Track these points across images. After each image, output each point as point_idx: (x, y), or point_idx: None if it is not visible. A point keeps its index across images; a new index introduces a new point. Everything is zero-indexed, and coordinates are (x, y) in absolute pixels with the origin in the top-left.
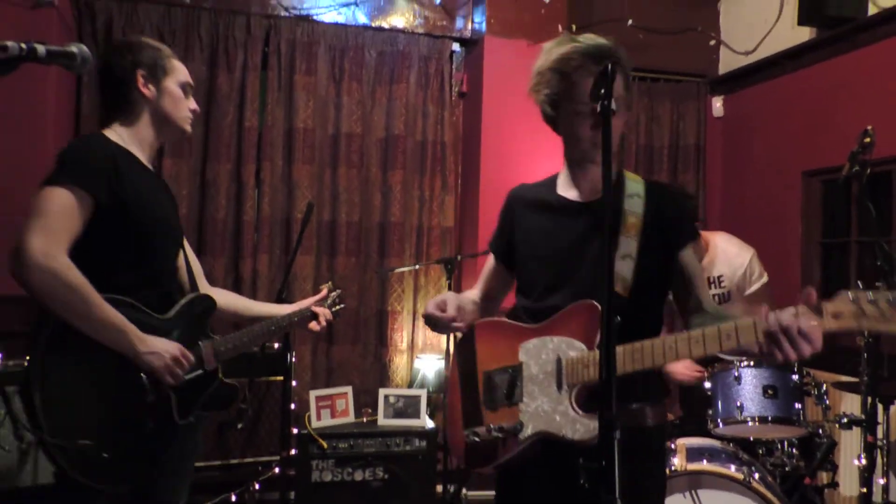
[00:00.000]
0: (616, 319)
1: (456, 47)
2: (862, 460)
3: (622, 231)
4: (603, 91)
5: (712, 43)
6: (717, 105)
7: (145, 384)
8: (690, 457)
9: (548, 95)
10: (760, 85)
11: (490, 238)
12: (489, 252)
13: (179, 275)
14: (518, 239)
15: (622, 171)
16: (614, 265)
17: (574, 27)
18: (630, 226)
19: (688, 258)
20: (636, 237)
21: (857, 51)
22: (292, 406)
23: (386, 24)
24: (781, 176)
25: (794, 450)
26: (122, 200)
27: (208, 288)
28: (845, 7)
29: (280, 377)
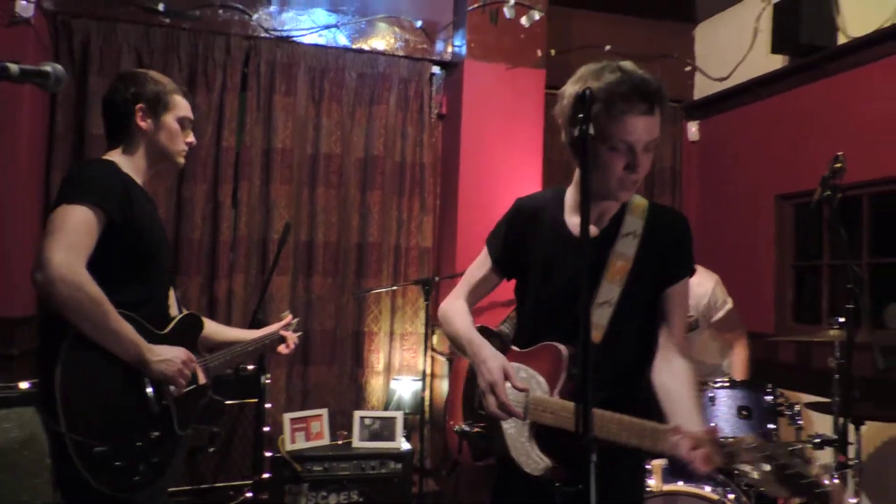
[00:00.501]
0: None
1: (436, 70)
2: (835, 480)
3: (606, 276)
4: (581, 116)
5: (688, 69)
6: (693, 130)
7: (150, 396)
8: (665, 477)
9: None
10: (735, 111)
11: (487, 237)
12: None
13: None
14: (530, 260)
15: (626, 204)
16: (590, 317)
17: (553, 52)
18: (616, 270)
19: (674, 292)
20: (620, 283)
21: (829, 78)
22: (266, 429)
23: (366, 47)
24: (755, 199)
25: None
26: (132, 221)
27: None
28: (817, 36)
29: (254, 399)
